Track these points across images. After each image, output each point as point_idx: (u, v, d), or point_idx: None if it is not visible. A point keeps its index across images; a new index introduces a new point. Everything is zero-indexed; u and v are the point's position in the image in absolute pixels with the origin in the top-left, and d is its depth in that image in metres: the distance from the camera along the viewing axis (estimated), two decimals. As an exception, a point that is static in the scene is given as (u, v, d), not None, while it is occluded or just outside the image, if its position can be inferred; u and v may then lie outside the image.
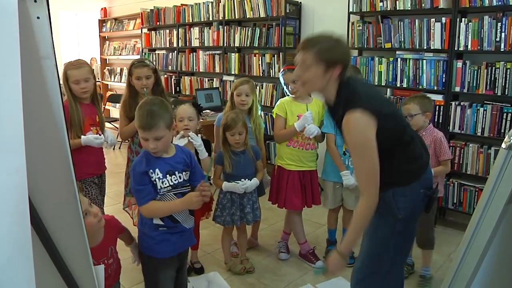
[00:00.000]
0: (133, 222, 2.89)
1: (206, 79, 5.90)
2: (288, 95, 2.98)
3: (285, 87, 2.99)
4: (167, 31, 6.45)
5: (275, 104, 3.09)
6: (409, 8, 3.63)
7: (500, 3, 3.17)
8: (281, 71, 3.09)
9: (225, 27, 5.41)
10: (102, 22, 8.33)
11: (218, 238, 3.06)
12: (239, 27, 5.26)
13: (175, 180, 1.86)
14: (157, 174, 1.82)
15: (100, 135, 2.59)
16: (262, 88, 5.05)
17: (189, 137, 2.51)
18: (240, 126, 2.64)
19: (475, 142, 3.47)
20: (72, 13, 9.36)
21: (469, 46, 3.38)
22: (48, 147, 0.99)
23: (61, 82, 2.79)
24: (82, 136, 2.48)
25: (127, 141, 2.94)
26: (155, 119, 1.78)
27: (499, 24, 3.21)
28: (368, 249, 1.85)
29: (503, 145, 0.64)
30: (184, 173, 1.90)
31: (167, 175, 1.84)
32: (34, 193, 0.99)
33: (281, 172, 2.95)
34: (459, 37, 3.41)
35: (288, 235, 3.18)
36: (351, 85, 1.70)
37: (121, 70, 7.93)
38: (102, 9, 8.29)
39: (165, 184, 1.84)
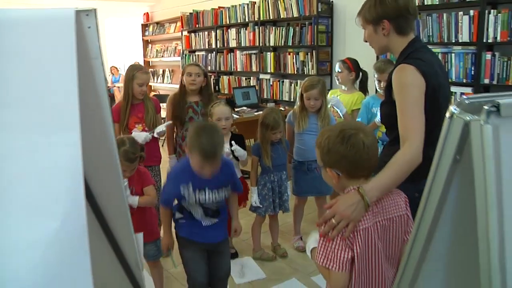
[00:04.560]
0: None
1: (244, 78, 6.13)
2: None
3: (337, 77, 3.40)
4: (206, 33, 6.73)
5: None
6: (437, 3, 3.70)
7: (529, -7, 3.20)
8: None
9: (260, 28, 5.62)
10: (145, 27, 8.75)
11: (253, 226, 3.27)
12: (273, 27, 5.45)
13: (201, 198, 2.00)
14: (189, 189, 1.98)
15: (146, 130, 2.92)
16: (296, 86, 5.22)
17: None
18: (282, 126, 2.85)
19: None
20: (117, 19, 9.85)
21: (498, 38, 3.40)
22: (97, 136, 1.21)
23: (122, 80, 3.13)
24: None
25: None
26: (218, 150, 1.86)
27: (528, 14, 3.24)
28: None
29: (447, 114, 0.79)
30: (216, 190, 2.02)
31: (197, 190, 1.99)
32: (88, 174, 1.23)
33: None
34: (487, 29, 3.44)
35: None
36: (418, 48, 1.64)
37: (163, 71, 8.31)
38: (144, 14, 8.71)
39: (192, 199, 2.00)
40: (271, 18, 5.46)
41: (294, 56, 5.25)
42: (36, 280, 1.02)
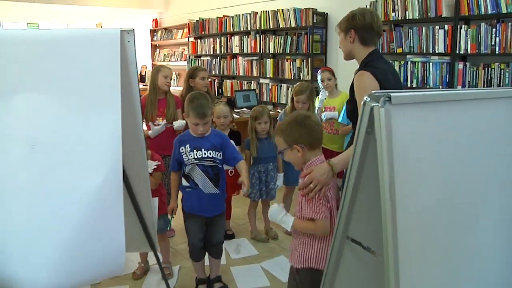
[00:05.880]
0: None
1: (245, 82, 6.58)
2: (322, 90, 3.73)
3: (320, 84, 3.72)
4: (211, 39, 7.20)
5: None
6: (417, 17, 4.15)
7: (494, 11, 3.63)
8: (319, 70, 3.84)
9: (261, 36, 6.08)
10: (153, 32, 9.23)
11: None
12: (273, 36, 5.92)
13: (198, 154, 2.48)
14: (187, 148, 2.49)
15: (165, 122, 3.40)
16: (293, 89, 5.68)
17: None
18: (265, 117, 3.29)
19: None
20: (127, 24, 10.32)
21: (468, 50, 3.85)
22: (130, 127, 1.64)
23: (149, 76, 3.57)
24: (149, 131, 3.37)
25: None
26: (206, 109, 2.42)
27: (493, 30, 3.67)
28: None
29: (362, 102, 1.22)
30: (210, 151, 2.49)
31: (194, 150, 2.48)
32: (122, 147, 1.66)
33: None
34: (460, 42, 3.89)
35: None
36: (375, 58, 2.02)
37: (170, 75, 8.78)
38: (153, 20, 9.19)
39: (191, 156, 2.49)
40: (271, 27, 5.92)
41: (291, 62, 5.70)
42: (86, 220, 1.45)
